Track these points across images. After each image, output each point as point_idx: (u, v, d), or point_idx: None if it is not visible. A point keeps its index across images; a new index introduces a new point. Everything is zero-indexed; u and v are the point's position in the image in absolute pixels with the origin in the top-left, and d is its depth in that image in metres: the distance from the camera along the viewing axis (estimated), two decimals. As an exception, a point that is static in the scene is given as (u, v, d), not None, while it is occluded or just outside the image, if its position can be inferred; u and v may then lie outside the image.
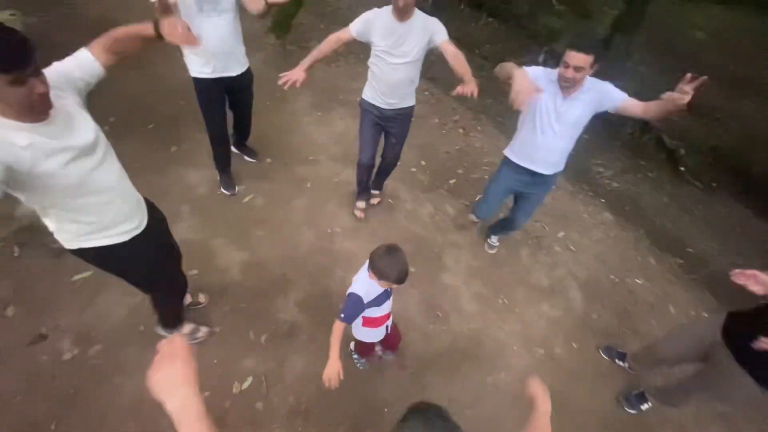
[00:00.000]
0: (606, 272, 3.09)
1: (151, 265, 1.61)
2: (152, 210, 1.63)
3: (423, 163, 3.66)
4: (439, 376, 2.23)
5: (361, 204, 2.98)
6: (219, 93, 2.44)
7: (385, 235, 2.90)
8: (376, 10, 2.14)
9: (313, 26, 5.16)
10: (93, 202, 1.30)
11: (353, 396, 2.05)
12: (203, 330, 2.13)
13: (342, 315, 1.57)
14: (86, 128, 1.25)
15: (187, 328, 2.08)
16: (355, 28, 2.16)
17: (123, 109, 3.26)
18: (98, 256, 1.44)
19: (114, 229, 1.40)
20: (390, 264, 1.48)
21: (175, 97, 3.44)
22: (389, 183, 3.17)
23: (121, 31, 1.31)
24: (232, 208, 2.86)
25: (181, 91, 3.19)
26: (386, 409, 2.05)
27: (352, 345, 2.16)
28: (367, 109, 2.47)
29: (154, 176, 2.85)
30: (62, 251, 1.43)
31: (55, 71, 1.21)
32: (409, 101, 2.45)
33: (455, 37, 2.30)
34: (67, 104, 1.22)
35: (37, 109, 1.09)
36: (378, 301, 1.65)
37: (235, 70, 2.38)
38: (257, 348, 2.15)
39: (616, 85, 1.95)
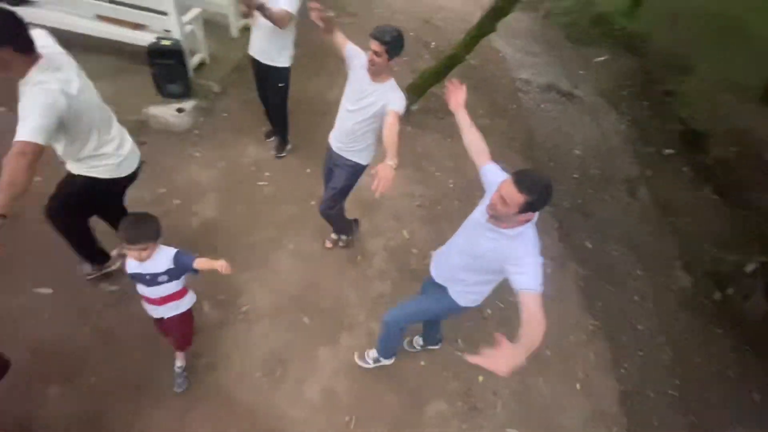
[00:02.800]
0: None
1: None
2: None
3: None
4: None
5: (332, 236, 3.09)
6: (256, 72, 3.22)
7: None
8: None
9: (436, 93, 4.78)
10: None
11: None
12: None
13: None
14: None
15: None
16: (350, 47, 2.27)
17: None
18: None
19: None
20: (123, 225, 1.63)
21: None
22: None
23: None
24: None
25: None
26: None
27: None
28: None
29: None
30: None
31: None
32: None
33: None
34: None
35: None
36: (139, 278, 1.77)
37: (262, 58, 3.02)
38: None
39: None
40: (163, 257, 1.73)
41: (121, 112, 3.48)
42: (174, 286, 1.82)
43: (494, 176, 1.72)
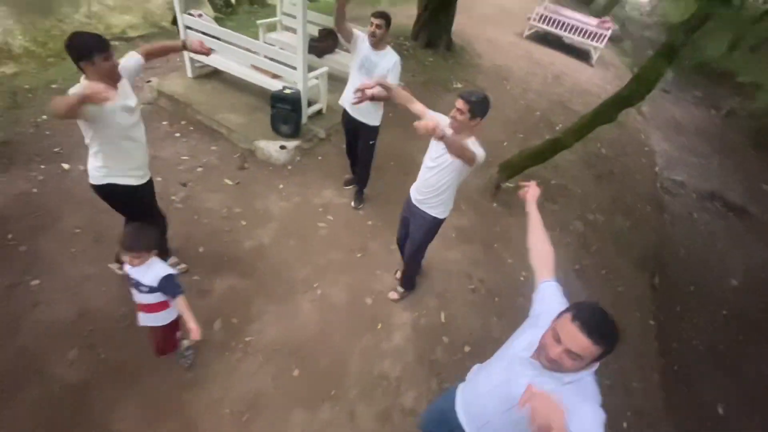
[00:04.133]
0: None
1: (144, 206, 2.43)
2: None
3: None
4: None
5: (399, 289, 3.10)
6: (346, 123, 3.43)
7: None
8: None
9: (539, 176, 4.53)
10: (127, 147, 2.14)
11: None
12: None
13: None
14: (132, 97, 2.12)
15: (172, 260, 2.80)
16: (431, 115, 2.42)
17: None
18: (114, 193, 2.21)
19: (134, 171, 2.24)
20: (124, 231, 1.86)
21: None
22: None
23: (157, 44, 2.43)
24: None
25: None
26: None
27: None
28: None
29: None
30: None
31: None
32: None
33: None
34: (124, 83, 2.07)
35: (113, 77, 1.96)
36: (129, 281, 1.93)
37: (355, 113, 3.21)
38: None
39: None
40: (152, 272, 1.87)
41: (240, 139, 4.25)
42: (152, 298, 1.93)
43: (552, 300, 1.40)
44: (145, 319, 2.02)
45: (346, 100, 3.24)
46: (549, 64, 8.74)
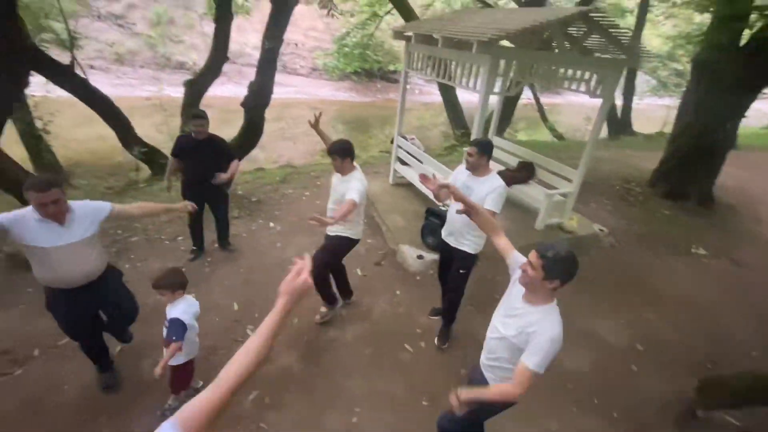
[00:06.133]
0: None
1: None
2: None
3: None
4: None
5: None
6: (444, 252, 3.14)
7: None
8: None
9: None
10: None
11: None
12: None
13: None
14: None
15: None
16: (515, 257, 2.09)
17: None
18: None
19: None
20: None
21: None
22: None
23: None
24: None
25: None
26: None
27: None
28: None
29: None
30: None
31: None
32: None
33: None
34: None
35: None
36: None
37: (449, 238, 2.96)
38: None
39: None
40: (173, 311, 2.17)
41: (391, 240, 4.52)
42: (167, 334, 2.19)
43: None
44: (164, 352, 2.28)
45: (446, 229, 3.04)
46: None
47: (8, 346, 2.88)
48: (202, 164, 3.47)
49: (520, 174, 5.39)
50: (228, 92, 12.73)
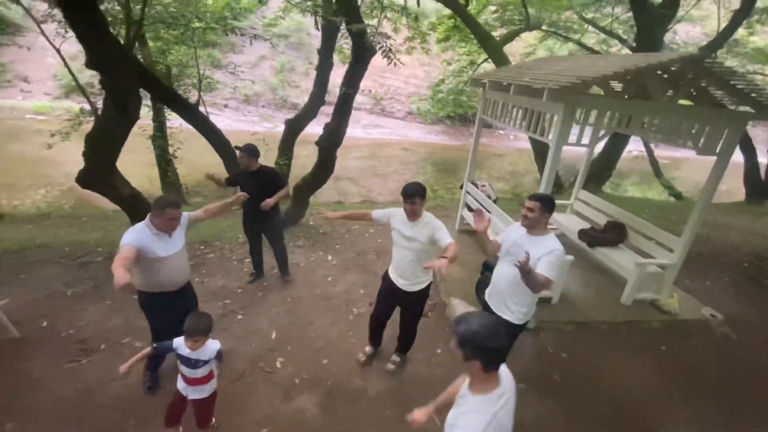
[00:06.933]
0: None
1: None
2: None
3: None
4: None
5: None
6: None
7: None
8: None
9: None
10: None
11: None
12: None
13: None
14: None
15: None
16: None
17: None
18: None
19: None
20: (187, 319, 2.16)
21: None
22: None
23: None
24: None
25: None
26: None
27: None
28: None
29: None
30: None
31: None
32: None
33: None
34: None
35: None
36: (185, 361, 2.20)
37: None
38: None
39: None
40: (209, 349, 2.20)
41: (443, 292, 4.21)
42: (206, 370, 2.23)
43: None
44: (194, 393, 2.30)
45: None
46: None
47: (86, 336, 3.33)
48: (254, 194, 3.65)
49: (606, 236, 4.68)
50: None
